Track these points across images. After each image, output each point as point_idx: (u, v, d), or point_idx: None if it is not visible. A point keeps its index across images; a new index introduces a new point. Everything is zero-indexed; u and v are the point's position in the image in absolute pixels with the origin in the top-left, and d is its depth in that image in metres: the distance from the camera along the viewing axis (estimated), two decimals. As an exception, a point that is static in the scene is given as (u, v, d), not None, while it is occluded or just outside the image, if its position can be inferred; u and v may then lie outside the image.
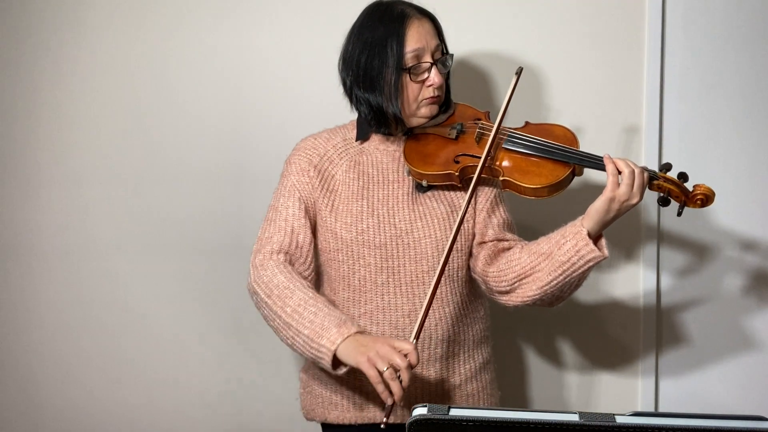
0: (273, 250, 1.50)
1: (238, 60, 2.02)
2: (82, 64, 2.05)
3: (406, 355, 1.29)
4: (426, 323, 1.49)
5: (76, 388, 2.16)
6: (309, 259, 1.53)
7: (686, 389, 2.01)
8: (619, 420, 0.96)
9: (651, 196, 1.60)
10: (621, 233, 1.93)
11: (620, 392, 2.03)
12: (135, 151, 2.07)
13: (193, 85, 2.03)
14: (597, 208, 1.41)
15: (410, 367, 1.28)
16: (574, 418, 0.97)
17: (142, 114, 2.06)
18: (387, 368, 1.27)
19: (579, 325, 2.02)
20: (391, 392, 1.28)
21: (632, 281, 1.97)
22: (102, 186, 2.08)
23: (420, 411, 1.01)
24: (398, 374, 1.27)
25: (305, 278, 1.50)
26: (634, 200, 1.40)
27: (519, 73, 1.55)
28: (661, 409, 2.01)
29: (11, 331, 2.16)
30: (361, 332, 1.36)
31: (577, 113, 1.92)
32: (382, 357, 1.28)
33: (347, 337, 1.33)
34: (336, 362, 1.35)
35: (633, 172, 1.40)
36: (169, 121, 2.05)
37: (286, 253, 1.50)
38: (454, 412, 1.00)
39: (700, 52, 1.91)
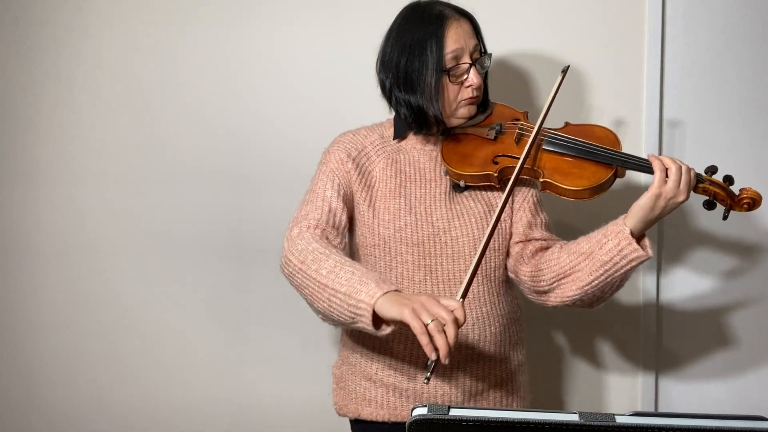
0: (310, 225, 1.47)
1: (238, 61, 2.02)
2: (82, 64, 2.05)
3: (452, 311, 1.22)
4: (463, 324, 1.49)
5: (76, 387, 2.16)
6: (344, 241, 1.51)
7: (686, 389, 2.01)
8: (619, 420, 0.96)
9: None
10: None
11: (620, 392, 2.03)
12: (135, 151, 2.07)
13: (194, 85, 2.03)
14: (642, 205, 1.39)
15: (456, 322, 1.21)
16: (574, 418, 0.97)
17: (142, 114, 2.06)
18: (432, 320, 1.20)
19: (579, 325, 2.02)
20: (435, 347, 1.20)
21: (632, 281, 1.97)
22: (102, 186, 2.08)
23: (420, 411, 1.01)
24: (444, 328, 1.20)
25: None
26: (680, 198, 1.39)
27: (565, 71, 1.53)
28: (661, 409, 2.01)
29: (11, 330, 2.16)
30: (400, 291, 1.29)
31: (576, 113, 1.92)
32: (428, 309, 1.21)
33: (387, 292, 1.27)
34: (376, 322, 1.28)
35: (680, 168, 1.38)
36: (169, 121, 2.05)
37: (323, 230, 1.47)
38: (454, 412, 1.00)
39: (700, 52, 1.91)
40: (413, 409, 1.02)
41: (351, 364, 1.59)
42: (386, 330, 1.28)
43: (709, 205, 1.47)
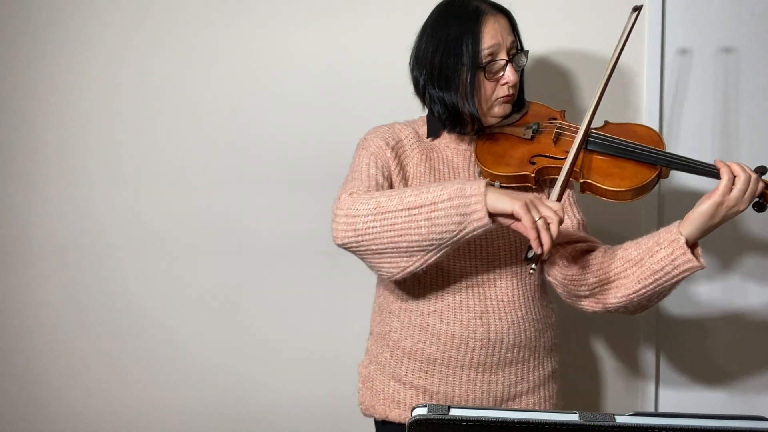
0: (360, 192, 1.39)
1: (239, 61, 2.02)
2: (83, 64, 2.05)
3: (555, 212, 1.25)
4: (498, 326, 1.47)
5: (77, 387, 2.16)
6: None
7: (686, 389, 2.01)
8: (619, 420, 0.95)
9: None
10: (621, 235, 1.93)
11: (620, 392, 2.03)
12: (136, 150, 2.07)
13: (195, 85, 2.03)
14: (702, 212, 1.33)
15: (561, 222, 1.25)
16: (574, 418, 0.96)
17: (143, 114, 2.06)
18: (540, 218, 1.23)
19: (579, 325, 2.02)
20: (540, 242, 1.24)
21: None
22: (103, 186, 2.08)
23: (420, 411, 1.01)
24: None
25: None
26: (741, 207, 1.33)
27: (638, 9, 1.45)
28: (661, 410, 2.01)
29: (11, 330, 2.16)
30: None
31: (577, 113, 1.92)
32: (536, 207, 1.25)
33: (487, 186, 1.27)
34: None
35: (749, 178, 1.32)
36: (170, 120, 2.05)
37: None
38: (454, 412, 1.00)
39: (700, 51, 1.91)
40: (413, 409, 1.02)
41: (380, 364, 1.56)
42: (489, 223, 1.27)
43: (759, 207, 1.39)
